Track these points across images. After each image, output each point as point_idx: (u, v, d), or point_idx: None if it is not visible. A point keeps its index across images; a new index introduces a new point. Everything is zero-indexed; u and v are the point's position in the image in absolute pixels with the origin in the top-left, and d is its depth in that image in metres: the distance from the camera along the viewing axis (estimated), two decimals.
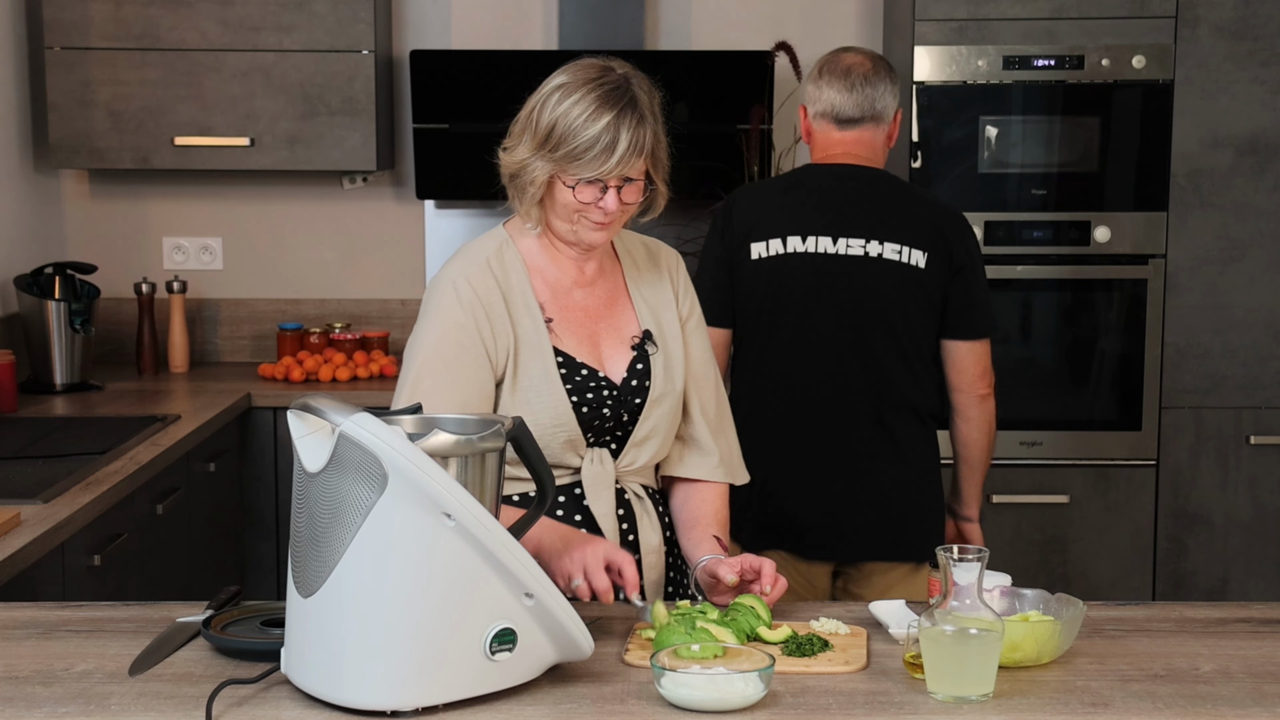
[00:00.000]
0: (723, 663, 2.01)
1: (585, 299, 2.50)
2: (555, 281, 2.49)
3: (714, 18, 4.82)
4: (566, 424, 2.42)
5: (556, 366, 2.43)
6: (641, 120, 2.33)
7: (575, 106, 2.31)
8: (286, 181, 4.85)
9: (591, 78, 2.35)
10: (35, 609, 2.34)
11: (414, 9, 4.83)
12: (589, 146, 2.30)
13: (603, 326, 2.51)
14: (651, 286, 2.56)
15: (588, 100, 2.31)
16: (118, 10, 4.45)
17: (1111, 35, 4.31)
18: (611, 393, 2.46)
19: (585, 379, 2.44)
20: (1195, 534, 4.44)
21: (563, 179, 2.35)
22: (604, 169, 2.32)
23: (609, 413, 2.45)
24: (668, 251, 2.62)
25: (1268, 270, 4.38)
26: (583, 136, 2.30)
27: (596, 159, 2.31)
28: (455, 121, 4.56)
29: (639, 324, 2.53)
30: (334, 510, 1.88)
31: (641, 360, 2.50)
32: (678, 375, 2.52)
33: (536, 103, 2.37)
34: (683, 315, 2.57)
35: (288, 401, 4.12)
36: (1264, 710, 1.96)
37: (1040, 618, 2.13)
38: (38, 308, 4.32)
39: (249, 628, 2.17)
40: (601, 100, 2.31)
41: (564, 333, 2.46)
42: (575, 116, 2.31)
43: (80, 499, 3.01)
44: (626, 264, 2.56)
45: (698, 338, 2.59)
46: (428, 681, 1.89)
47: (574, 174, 2.33)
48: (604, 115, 2.31)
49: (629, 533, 2.50)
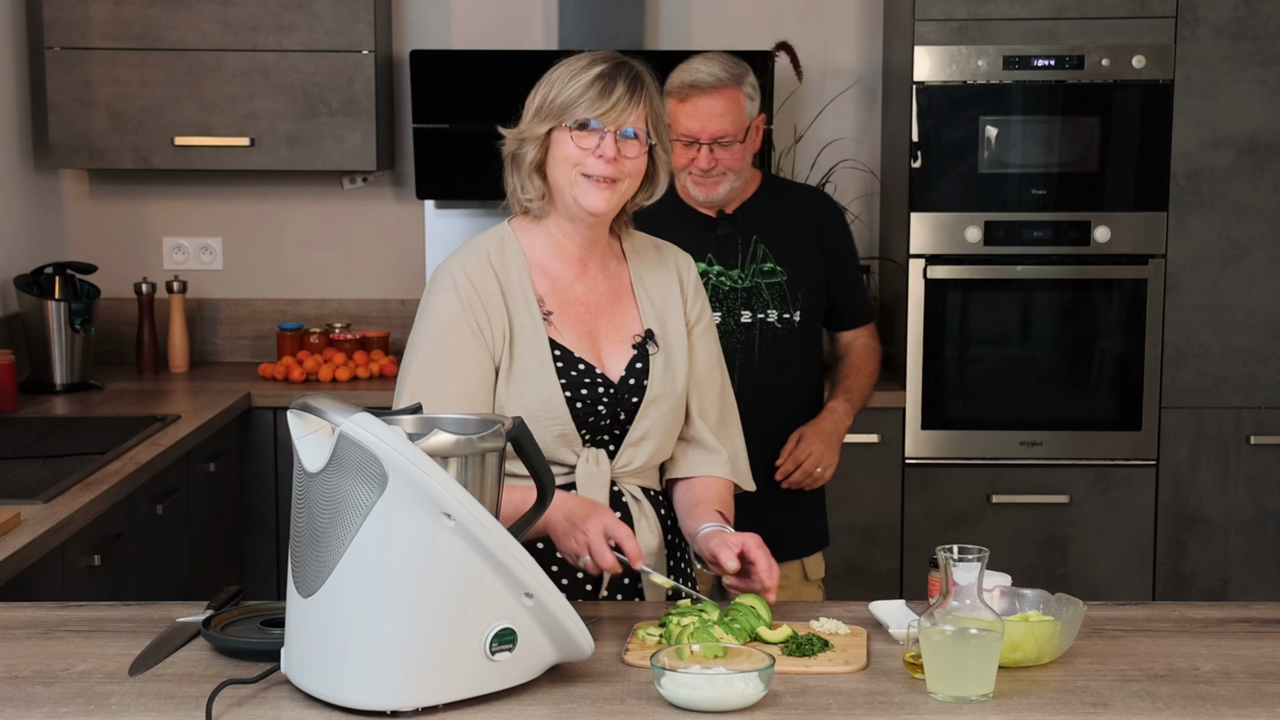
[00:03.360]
0: (723, 663, 2.01)
1: (587, 294, 2.50)
2: (557, 276, 2.49)
3: (714, 18, 4.82)
4: (560, 417, 2.42)
5: (553, 359, 2.43)
6: (638, 77, 2.41)
7: (572, 67, 2.40)
8: (286, 181, 4.85)
9: (593, 55, 2.43)
10: (35, 609, 2.34)
11: (414, 9, 4.83)
12: (585, 89, 2.37)
13: (603, 323, 2.51)
14: (658, 287, 2.56)
15: (584, 61, 2.41)
16: (118, 10, 4.45)
17: (1111, 35, 4.31)
18: (608, 390, 2.46)
19: (581, 373, 2.44)
20: (1195, 534, 4.44)
21: (561, 126, 2.38)
22: (601, 109, 2.37)
23: (604, 410, 2.45)
24: (678, 253, 2.63)
25: (1268, 270, 4.38)
26: (579, 82, 2.38)
27: (595, 101, 2.37)
28: (455, 121, 4.56)
29: (641, 323, 2.53)
30: (334, 510, 1.88)
31: (641, 359, 2.50)
32: (679, 377, 2.52)
33: (539, 85, 2.43)
34: (690, 318, 2.57)
35: (288, 401, 4.10)
36: (1264, 710, 1.96)
37: (1040, 618, 2.13)
38: (38, 308, 4.32)
39: (249, 628, 2.17)
40: (597, 59, 2.41)
41: (563, 327, 2.47)
42: (572, 71, 2.39)
43: (80, 499, 3.01)
44: (634, 263, 2.57)
45: (705, 341, 2.59)
46: (428, 681, 1.89)
47: (571, 118, 2.37)
48: (598, 67, 2.39)
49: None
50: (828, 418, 3.26)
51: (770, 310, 3.21)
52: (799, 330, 3.25)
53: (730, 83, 3.12)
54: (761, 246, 3.22)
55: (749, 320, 3.21)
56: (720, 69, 3.12)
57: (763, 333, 3.21)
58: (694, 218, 3.21)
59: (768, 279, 3.22)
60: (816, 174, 4.74)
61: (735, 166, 3.15)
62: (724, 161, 3.13)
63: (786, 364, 3.24)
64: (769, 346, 3.22)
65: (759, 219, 3.25)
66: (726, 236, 3.21)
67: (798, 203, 3.32)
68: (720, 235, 3.21)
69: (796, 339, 3.25)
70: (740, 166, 3.16)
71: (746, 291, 3.20)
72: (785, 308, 3.22)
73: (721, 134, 3.10)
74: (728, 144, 3.12)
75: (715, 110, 3.10)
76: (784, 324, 3.22)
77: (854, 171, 4.83)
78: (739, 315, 3.21)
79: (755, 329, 3.21)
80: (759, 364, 3.21)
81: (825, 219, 3.33)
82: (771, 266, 3.22)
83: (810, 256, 3.27)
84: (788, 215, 3.28)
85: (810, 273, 3.26)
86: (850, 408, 3.32)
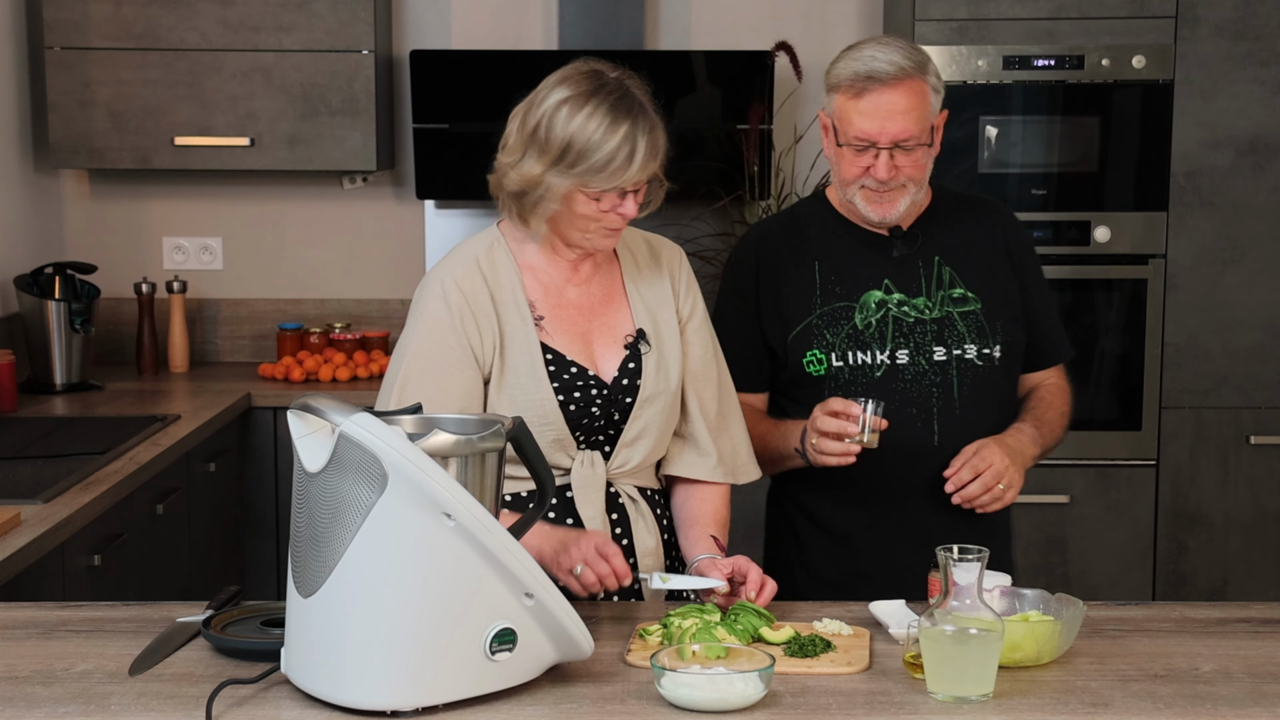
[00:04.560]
0: (723, 663, 2.01)
1: (579, 297, 2.50)
2: (548, 280, 2.49)
3: (714, 18, 4.82)
4: (553, 422, 2.42)
5: (545, 364, 2.43)
6: (653, 126, 2.36)
7: (590, 121, 2.32)
8: (286, 181, 4.85)
9: (593, 88, 2.35)
10: (35, 609, 2.34)
11: (414, 9, 4.83)
12: (610, 159, 2.32)
13: (596, 324, 2.50)
14: (650, 284, 2.55)
15: (600, 113, 2.32)
16: (118, 10, 4.45)
17: (1111, 35, 4.31)
18: (601, 391, 2.46)
19: (574, 377, 2.44)
20: (1195, 534, 4.44)
21: (584, 192, 2.35)
22: (626, 178, 2.34)
23: (598, 411, 2.45)
24: (670, 248, 2.62)
25: (1268, 270, 4.37)
26: (603, 150, 2.32)
27: (619, 170, 2.33)
28: (455, 121, 4.56)
29: (633, 322, 2.52)
30: (334, 510, 1.88)
31: (634, 359, 2.50)
32: (673, 374, 2.52)
33: (540, 117, 2.36)
34: (683, 314, 2.56)
35: (288, 401, 4.11)
36: (1264, 710, 1.96)
37: (1040, 618, 2.13)
38: (38, 308, 4.32)
39: (249, 628, 2.17)
40: (613, 110, 2.33)
41: (555, 331, 2.46)
42: (592, 131, 2.32)
43: (80, 499, 3.01)
44: (625, 261, 2.56)
45: (699, 336, 2.58)
46: (428, 681, 1.89)
47: (597, 186, 2.34)
48: (620, 126, 2.32)
49: (622, 536, 2.49)
50: (1013, 435, 2.68)
51: (968, 345, 2.69)
52: (1000, 368, 2.73)
53: (914, 72, 2.57)
54: (947, 269, 2.72)
55: (944, 358, 2.69)
56: (901, 55, 2.57)
57: (961, 372, 2.69)
58: (862, 236, 2.72)
59: (959, 307, 2.71)
60: (816, 174, 4.74)
61: (917, 176, 2.63)
62: (905, 170, 2.61)
63: (991, 408, 2.72)
64: (970, 388, 2.70)
65: (939, 236, 2.74)
66: (904, 259, 2.71)
67: (979, 215, 2.80)
68: (896, 258, 2.71)
69: (999, 378, 2.73)
70: (922, 175, 2.65)
71: (937, 323, 2.70)
72: (984, 341, 2.71)
73: (904, 136, 2.57)
74: (910, 148, 2.59)
75: (897, 106, 2.56)
76: (984, 360, 2.70)
77: None
78: (930, 352, 2.69)
79: (952, 367, 2.69)
80: (960, 410, 2.69)
81: (1014, 235, 2.81)
82: (962, 293, 2.72)
83: (1004, 280, 2.76)
84: (971, 231, 2.77)
85: (1007, 299, 2.75)
86: (1037, 435, 2.72)
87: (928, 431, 2.67)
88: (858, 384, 2.68)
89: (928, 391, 2.68)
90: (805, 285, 2.72)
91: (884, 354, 2.69)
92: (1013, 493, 2.60)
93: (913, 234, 2.72)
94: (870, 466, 2.59)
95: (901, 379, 2.69)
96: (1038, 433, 2.71)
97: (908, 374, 2.68)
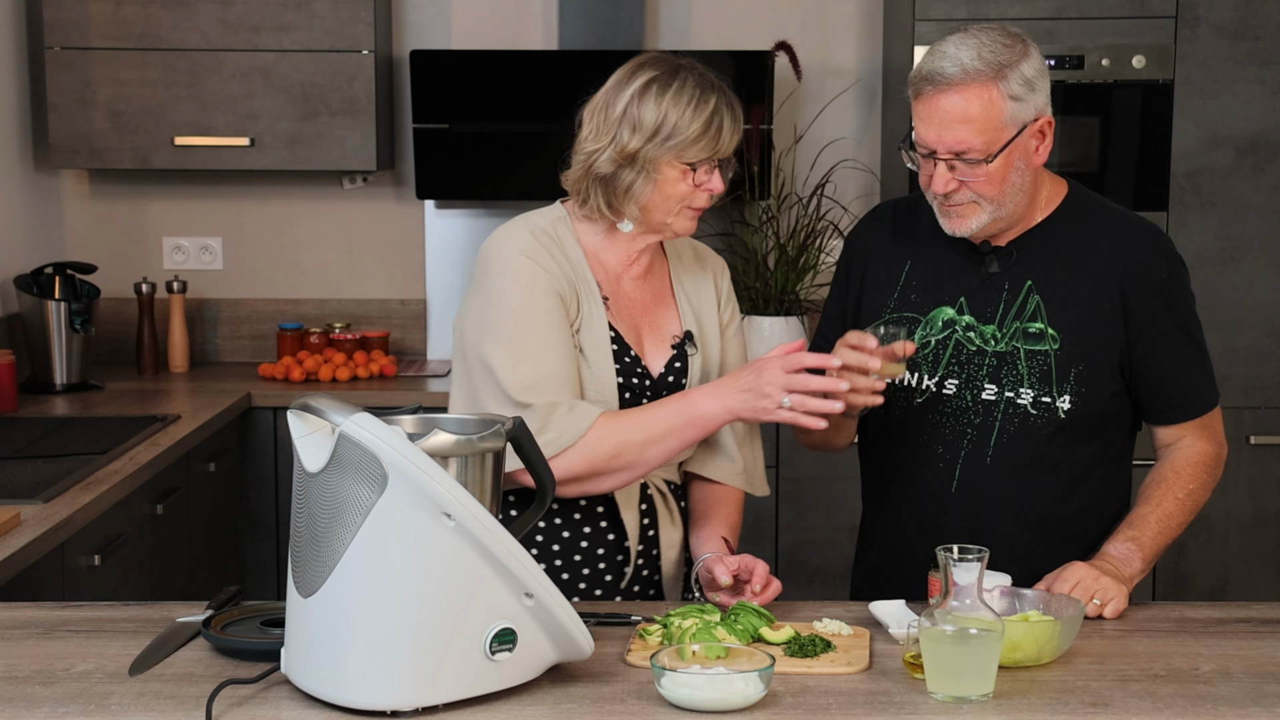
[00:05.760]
0: (723, 663, 2.01)
1: (634, 290, 2.52)
2: (610, 268, 2.51)
3: (714, 18, 4.82)
4: (609, 402, 2.44)
5: (610, 343, 2.44)
6: (734, 102, 2.44)
7: (680, 95, 2.40)
8: (286, 181, 4.85)
9: (674, 68, 2.43)
10: (35, 609, 2.34)
11: (414, 9, 4.83)
12: (706, 126, 2.39)
13: (646, 320, 2.53)
14: (696, 288, 2.58)
15: (689, 88, 2.40)
16: (118, 10, 4.45)
17: (1111, 35, 4.31)
18: (649, 384, 2.47)
19: (631, 364, 2.47)
20: (1195, 534, 4.43)
21: (677, 166, 2.39)
22: (721, 145, 2.40)
23: (646, 403, 2.46)
24: (714, 258, 2.66)
25: (1268, 270, 4.37)
26: (699, 120, 2.38)
27: (714, 137, 2.39)
28: (455, 121, 4.56)
29: (681, 324, 2.55)
30: (334, 510, 1.88)
31: (680, 359, 2.52)
32: (713, 378, 2.53)
33: (629, 100, 2.40)
34: (723, 321, 2.60)
35: (288, 401, 4.11)
36: (1264, 710, 1.96)
37: (1040, 618, 2.13)
38: (38, 308, 4.32)
39: (249, 628, 2.17)
40: (699, 85, 2.41)
41: (617, 315, 2.48)
42: (685, 103, 2.39)
43: (80, 499, 3.01)
44: (674, 263, 2.59)
45: (734, 345, 2.62)
46: (428, 681, 1.89)
47: (693, 156, 2.39)
48: (710, 98, 2.41)
49: (649, 527, 2.53)
50: (1101, 559, 2.36)
51: (1024, 389, 2.38)
52: (1065, 423, 2.39)
53: (983, 75, 2.27)
54: (1035, 299, 2.40)
55: (992, 397, 2.39)
56: (972, 55, 2.28)
57: (1007, 418, 2.39)
58: (959, 245, 2.44)
59: (1030, 344, 2.39)
60: (816, 174, 4.74)
61: (989, 193, 2.32)
62: (972, 185, 2.31)
63: (1031, 473, 2.41)
64: (1011, 440, 2.40)
65: (1041, 256, 2.42)
66: (991, 278, 2.42)
67: (1106, 239, 2.42)
68: (983, 275, 2.43)
69: (1058, 435, 2.40)
70: (998, 194, 2.32)
71: (998, 357, 2.40)
72: (1046, 388, 2.38)
73: (962, 147, 2.28)
74: (972, 161, 2.29)
75: (954, 113, 2.28)
76: (1040, 410, 2.38)
77: (854, 171, 4.83)
78: (980, 388, 2.40)
79: (997, 411, 2.39)
80: (992, 461, 2.41)
81: (1140, 267, 2.40)
82: (1041, 328, 2.39)
83: (1101, 320, 2.39)
84: (1084, 255, 2.41)
85: (1099, 344, 2.39)
86: (1137, 550, 2.37)
87: (947, 476, 2.44)
88: (895, 406, 2.46)
89: (961, 432, 2.42)
90: (888, 284, 2.51)
91: (931, 380, 2.44)
92: (1111, 608, 2.28)
93: (1008, 250, 2.42)
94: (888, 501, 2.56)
95: (940, 411, 2.43)
96: (1135, 546, 2.38)
97: (948, 407, 2.42)
